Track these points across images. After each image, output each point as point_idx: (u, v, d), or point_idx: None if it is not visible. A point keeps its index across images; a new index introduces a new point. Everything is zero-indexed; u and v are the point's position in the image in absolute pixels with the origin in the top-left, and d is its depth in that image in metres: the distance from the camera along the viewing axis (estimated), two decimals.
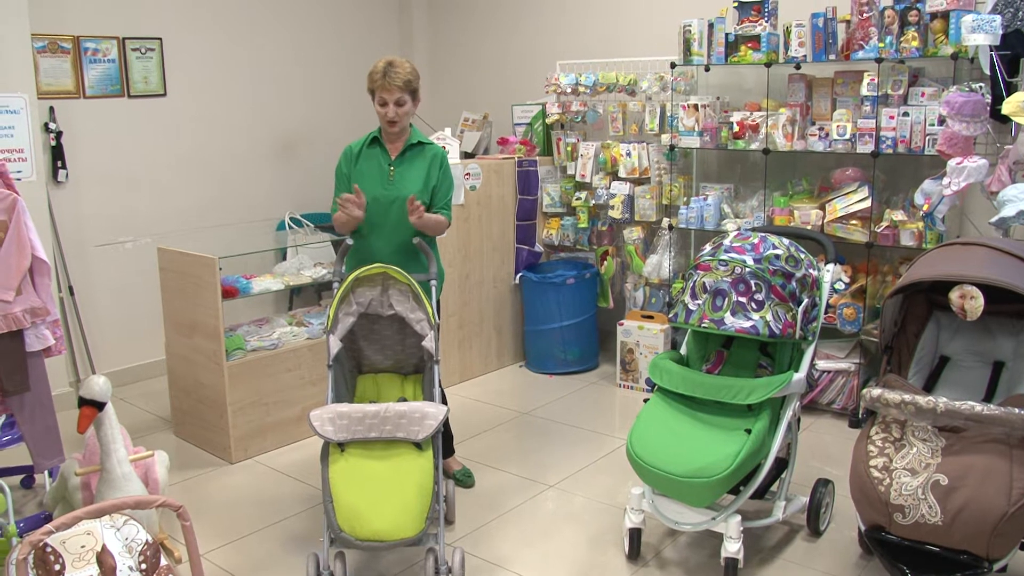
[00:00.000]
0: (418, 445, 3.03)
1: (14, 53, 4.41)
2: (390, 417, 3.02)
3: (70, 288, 5.00)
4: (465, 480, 3.88)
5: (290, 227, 5.52)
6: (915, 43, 4.06)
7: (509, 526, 3.55)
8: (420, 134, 3.65)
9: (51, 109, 4.84)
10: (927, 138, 4.07)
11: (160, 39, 5.29)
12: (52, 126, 4.84)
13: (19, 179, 4.21)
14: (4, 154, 4.35)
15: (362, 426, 3.01)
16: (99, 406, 3.02)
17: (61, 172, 4.89)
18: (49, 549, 2.35)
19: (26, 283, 3.06)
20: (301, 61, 6.08)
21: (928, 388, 3.18)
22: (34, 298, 3.11)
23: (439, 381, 3.37)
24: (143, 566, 2.40)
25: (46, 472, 3.55)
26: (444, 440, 3.84)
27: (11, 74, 4.40)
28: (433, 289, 3.47)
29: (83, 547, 2.44)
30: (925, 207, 3.94)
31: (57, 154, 4.87)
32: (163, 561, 2.45)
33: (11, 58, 4.40)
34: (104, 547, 2.41)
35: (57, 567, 2.33)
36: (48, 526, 2.15)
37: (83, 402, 3.00)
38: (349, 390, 3.47)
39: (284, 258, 5.14)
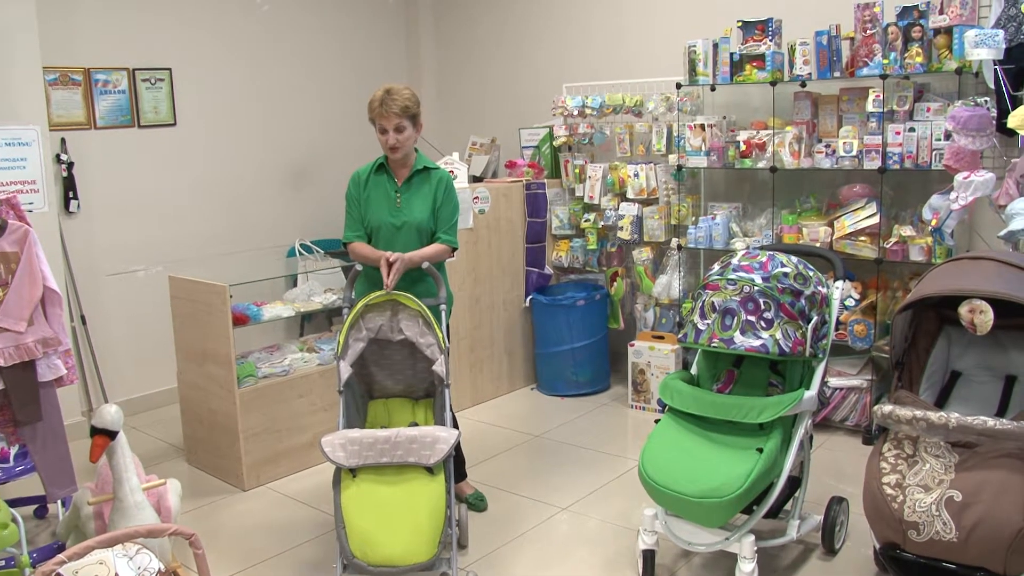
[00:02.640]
0: (429, 470, 3.03)
1: (26, 86, 4.47)
2: (401, 442, 3.02)
3: (82, 317, 5.03)
4: (478, 504, 3.87)
5: (300, 254, 5.54)
6: (919, 59, 4.07)
7: (523, 549, 3.53)
8: (426, 159, 3.66)
9: (63, 140, 4.90)
10: (934, 153, 4.07)
11: (170, 70, 5.35)
12: (64, 157, 4.89)
13: (31, 210, 4.25)
14: (17, 186, 4.40)
15: (373, 451, 3.01)
16: (111, 435, 3.03)
17: (73, 203, 4.94)
18: None
19: (38, 313, 3.09)
20: (310, 89, 6.13)
21: (940, 404, 3.16)
22: (46, 328, 3.13)
23: (450, 405, 3.37)
24: None
25: (59, 502, 3.56)
26: (456, 464, 3.83)
27: (23, 106, 4.45)
28: (443, 313, 3.48)
29: None
30: (933, 222, 3.94)
31: (69, 185, 4.92)
32: None
33: (23, 91, 4.46)
34: None
35: None
36: (60, 556, 2.15)
37: (95, 431, 3.01)
38: (360, 415, 3.47)
39: (294, 284, 5.15)
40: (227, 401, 4.13)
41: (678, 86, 4.86)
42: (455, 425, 3.71)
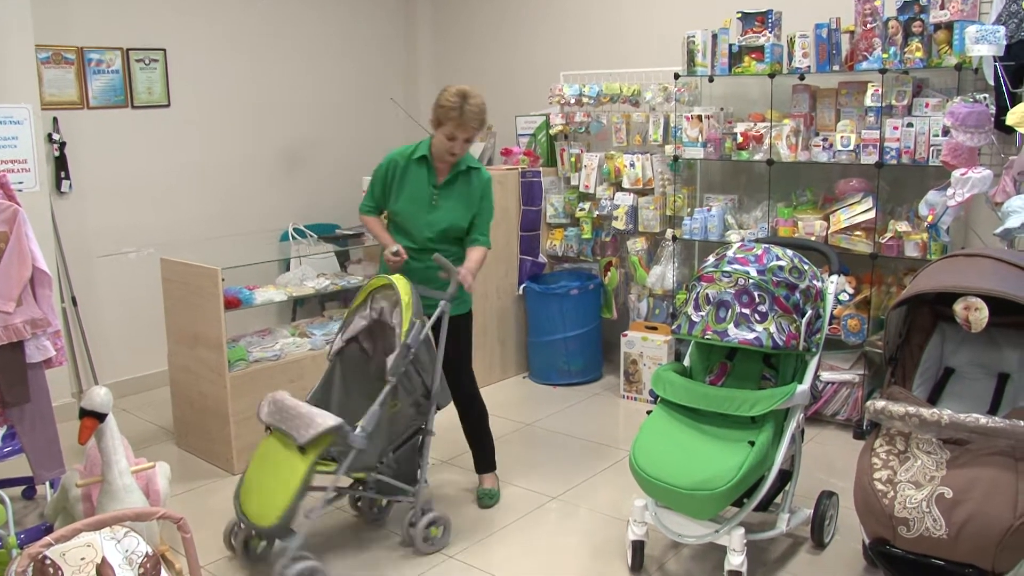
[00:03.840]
0: (302, 448, 3.06)
1: (18, 64, 4.43)
2: (294, 415, 3.14)
3: (73, 299, 5.00)
4: (483, 499, 3.82)
5: (293, 238, 5.52)
6: (919, 54, 4.05)
7: (512, 537, 3.53)
8: (471, 158, 3.62)
9: (55, 120, 4.85)
10: (931, 149, 4.06)
11: (164, 50, 5.30)
12: (56, 137, 4.85)
13: (22, 190, 4.22)
14: (7, 165, 4.36)
15: (279, 416, 3.19)
16: (100, 417, 3.01)
17: (65, 183, 4.90)
18: (49, 561, 2.33)
19: (27, 294, 3.06)
20: (305, 73, 6.09)
21: (932, 400, 3.16)
22: (35, 309, 3.10)
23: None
24: None
25: (47, 483, 3.54)
26: (485, 453, 3.84)
27: (15, 85, 4.41)
28: (442, 310, 3.44)
29: (83, 559, 2.42)
30: (929, 218, 3.93)
31: (61, 165, 4.88)
32: (163, 573, 2.43)
33: (15, 69, 4.41)
34: (104, 559, 2.40)
35: None
36: (48, 538, 2.14)
37: (84, 413, 2.99)
38: (350, 393, 3.48)
39: (287, 269, 5.14)
40: (218, 385, 4.11)
41: (676, 76, 4.84)
42: (483, 414, 3.80)
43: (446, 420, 3.72)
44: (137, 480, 3.11)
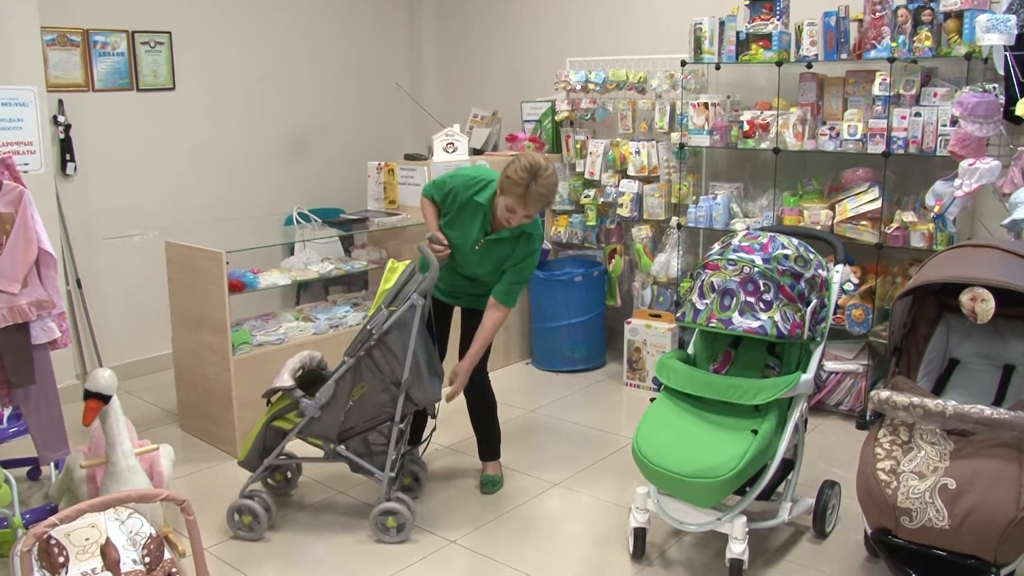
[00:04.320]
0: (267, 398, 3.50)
1: (24, 46, 4.42)
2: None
3: (78, 281, 5.01)
4: (486, 486, 3.82)
5: (298, 222, 5.51)
6: (928, 43, 4.03)
7: (513, 524, 3.54)
8: (529, 224, 3.48)
9: (60, 102, 4.85)
10: (939, 139, 4.04)
11: (169, 33, 5.28)
12: (61, 119, 4.84)
13: (27, 172, 4.21)
14: (13, 147, 4.35)
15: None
16: (105, 399, 3.02)
17: (69, 165, 4.90)
18: (53, 541, 2.35)
19: (32, 276, 3.06)
20: (310, 58, 6.07)
21: (937, 391, 3.16)
22: (40, 291, 3.11)
23: (343, 376, 3.40)
24: (147, 559, 2.39)
25: (52, 464, 3.56)
26: (490, 442, 3.86)
27: (20, 67, 4.40)
28: (416, 304, 3.42)
29: (87, 540, 2.44)
30: (936, 208, 3.91)
31: (66, 147, 4.88)
32: (167, 555, 2.45)
33: (21, 51, 4.40)
34: (108, 540, 2.41)
35: (61, 559, 2.33)
36: (53, 518, 2.15)
37: (89, 395, 3.00)
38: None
39: (291, 253, 5.13)
40: (221, 368, 4.11)
41: (683, 63, 4.82)
42: (491, 404, 3.83)
43: (453, 405, 3.73)
44: (141, 462, 3.12)
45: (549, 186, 3.33)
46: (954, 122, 3.87)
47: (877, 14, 4.16)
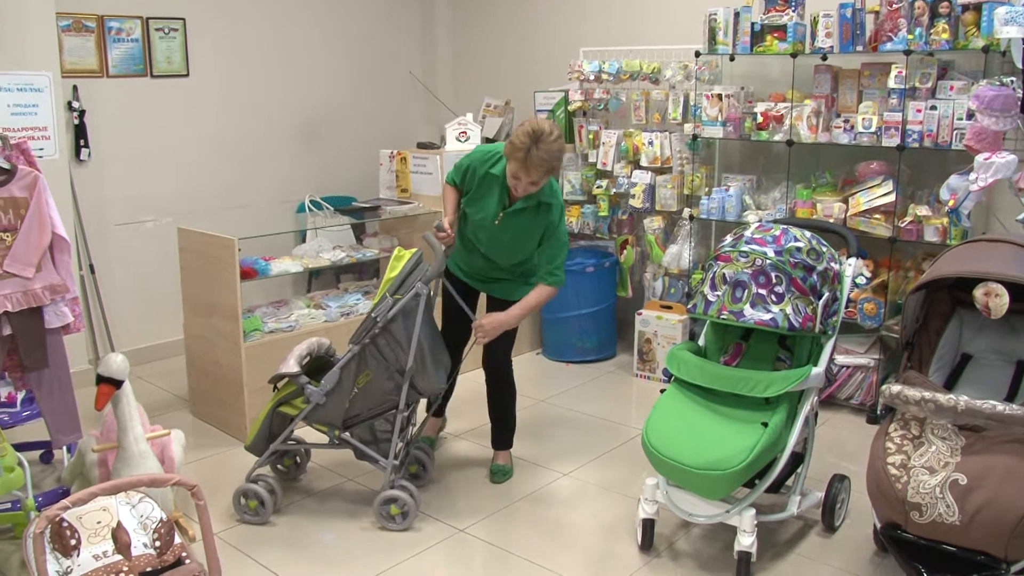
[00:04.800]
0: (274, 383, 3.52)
1: (39, 32, 4.43)
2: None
3: (91, 266, 5.03)
4: (496, 475, 3.83)
5: (310, 210, 5.52)
6: (945, 35, 3.99)
7: (522, 513, 3.54)
8: (547, 191, 3.46)
9: (75, 88, 4.86)
10: (955, 132, 4.01)
11: (183, 19, 5.29)
12: (75, 105, 4.86)
13: (42, 157, 4.23)
14: (28, 132, 4.37)
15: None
16: (117, 384, 3.03)
17: (84, 151, 4.91)
18: (65, 524, 2.36)
19: (46, 260, 3.08)
20: (323, 45, 6.07)
21: (949, 386, 3.14)
22: (53, 275, 3.12)
23: (347, 364, 3.39)
24: (157, 543, 2.41)
25: (64, 448, 3.58)
26: (505, 431, 3.87)
27: (36, 53, 4.41)
28: (420, 293, 3.42)
29: (99, 523, 2.46)
30: (951, 203, 3.89)
31: (80, 133, 4.89)
32: (177, 539, 2.46)
33: (36, 37, 4.41)
34: (119, 523, 2.43)
35: (73, 542, 2.35)
36: (65, 501, 2.16)
37: (101, 379, 3.02)
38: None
39: (303, 240, 5.15)
40: (233, 354, 4.13)
41: (697, 54, 4.80)
42: (509, 393, 3.85)
43: (466, 394, 3.75)
44: (152, 447, 3.14)
45: (552, 151, 3.27)
46: (970, 116, 3.84)
47: (894, 6, 4.13)
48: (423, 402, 3.63)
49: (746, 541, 2.95)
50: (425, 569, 3.15)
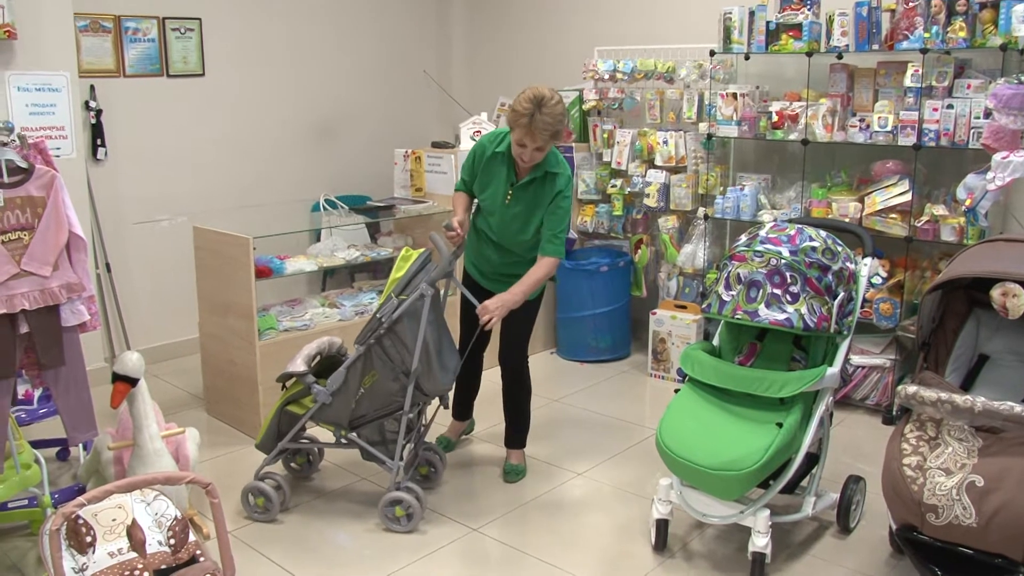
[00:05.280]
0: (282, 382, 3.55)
1: (57, 32, 4.46)
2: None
3: (107, 265, 5.06)
4: (509, 475, 3.83)
5: (325, 209, 5.53)
6: (962, 33, 3.97)
7: (536, 513, 3.54)
8: (553, 162, 3.48)
9: (92, 88, 4.89)
10: (972, 131, 3.98)
11: (199, 19, 5.31)
12: (92, 104, 4.89)
13: (59, 156, 4.25)
14: (45, 131, 4.40)
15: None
16: (132, 382, 3.05)
17: (100, 150, 4.94)
18: (81, 521, 2.38)
19: (63, 259, 3.09)
20: (338, 44, 6.08)
21: (966, 387, 3.12)
22: (70, 274, 3.14)
23: (354, 364, 3.39)
24: (172, 541, 2.42)
25: (80, 445, 3.61)
26: (519, 430, 3.87)
27: (54, 53, 4.44)
28: (424, 293, 3.42)
29: (114, 520, 2.47)
30: (968, 202, 3.86)
31: (97, 132, 4.92)
32: (191, 537, 2.47)
33: (54, 37, 4.44)
34: (134, 521, 2.44)
35: (88, 539, 2.37)
36: (80, 498, 2.18)
37: (116, 377, 3.04)
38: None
39: (318, 239, 5.15)
40: (248, 353, 4.15)
41: (711, 53, 4.78)
42: (523, 391, 3.84)
43: (481, 394, 3.74)
44: (167, 445, 3.16)
45: (555, 115, 3.28)
46: (987, 114, 3.81)
47: (910, 4, 4.10)
48: (435, 403, 3.62)
49: (760, 542, 2.94)
50: (439, 569, 3.15)
